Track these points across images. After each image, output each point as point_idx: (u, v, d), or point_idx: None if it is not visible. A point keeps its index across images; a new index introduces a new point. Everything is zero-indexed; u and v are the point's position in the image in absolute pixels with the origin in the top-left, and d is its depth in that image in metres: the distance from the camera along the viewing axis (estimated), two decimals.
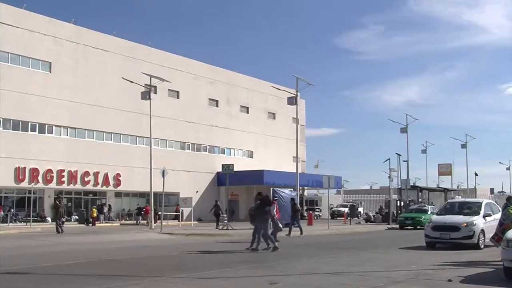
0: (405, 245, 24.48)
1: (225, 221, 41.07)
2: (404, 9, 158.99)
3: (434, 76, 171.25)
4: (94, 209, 50.35)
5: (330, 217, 46.60)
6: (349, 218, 52.51)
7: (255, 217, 21.59)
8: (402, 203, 52.16)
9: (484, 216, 23.10)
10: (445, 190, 65.11)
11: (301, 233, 32.61)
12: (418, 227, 41.07)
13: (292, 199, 35.56)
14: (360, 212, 69.03)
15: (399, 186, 54.90)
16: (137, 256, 18.62)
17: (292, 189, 43.19)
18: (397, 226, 43.48)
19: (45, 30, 50.34)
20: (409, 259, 18.22)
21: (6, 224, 43.29)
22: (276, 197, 31.60)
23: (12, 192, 49.37)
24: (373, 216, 56.32)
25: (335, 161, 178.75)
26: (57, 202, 35.72)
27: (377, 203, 71.28)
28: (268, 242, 21.13)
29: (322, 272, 14.26)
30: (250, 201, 62.52)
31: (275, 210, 23.75)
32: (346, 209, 60.83)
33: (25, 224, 43.59)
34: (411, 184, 61.11)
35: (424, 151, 75.95)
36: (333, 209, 66.40)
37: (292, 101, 45.04)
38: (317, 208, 73.74)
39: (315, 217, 56.92)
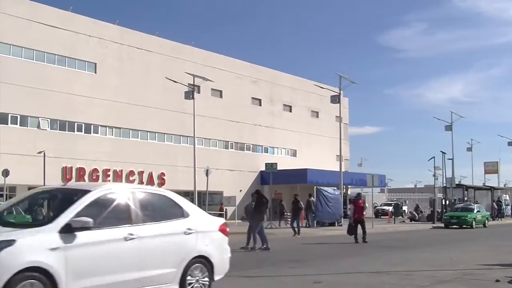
0: (450, 244, 24.16)
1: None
2: (447, 6, 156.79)
3: (479, 73, 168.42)
4: None
5: (374, 216, 46.24)
6: (393, 217, 52.01)
7: (251, 215, 21.58)
8: (447, 202, 51.46)
9: None
10: (491, 189, 63.92)
11: (297, 233, 30.67)
12: (464, 226, 40.49)
13: (295, 195, 33.62)
14: (404, 211, 68.27)
15: (444, 185, 54.16)
16: None
17: (335, 188, 42.97)
18: (442, 225, 42.91)
19: (90, 32, 51.06)
20: (455, 258, 17.95)
21: None
22: (360, 197, 27.55)
23: None
24: (418, 215, 55.67)
25: (379, 160, 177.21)
26: None
27: (422, 202, 70.36)
28: (264, 241, 21.00)
29: (366, 271, 14.16)
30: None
31: (353, 211, 23.69)
32: (390, 208, 60.21)
33: None
34: (457, 182, 60.26)
35: (469, 149, 74.71)
36: (377, 207, 65.85)
37: (335, 99, 44.78)
38: None
39: None
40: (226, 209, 48.46)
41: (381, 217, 61.33)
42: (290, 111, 71.64)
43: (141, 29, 57.09)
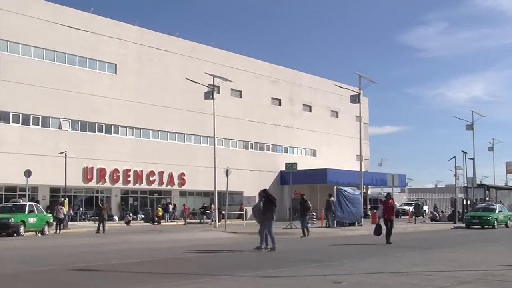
0: (472, 244, 24.00)
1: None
2: (469, 4, 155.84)
3: (501, 72, 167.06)
4: (159, 208, 51.05)
5: (394, 216, 45.96)
6: (414, 217, 51.73)
7: (262, 215, 21.08)
8: (468, 202, 51.08)
9: None
10: None
11: (305, 234, 29.73)
12: (486, 226, 40.14)
13: (302, 195, 32.22)
14: (425, 210, 67.91)
15: (465, 185, 53.75)
16: (201, 255, 18.81)
17: (355, 188, 42.84)
18: (464, 225, 42.60)
19: (110, 33, 51.40)
20: (476, 259, 17.83)
21: (76, 223, 44.38)
22: (390, 197, 25.88)
23: (81, 191, 50.57)
24: (439, 215, 55.30)
25: (399, 159, 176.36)
26: (100, 205, 36.67)
27: (443, 202, 70.07)
28: (272, 241, 20.53)
29: (387, 271, 14.10)
30: (313, 200, 62.44)
31: (383, 211, 23.50)
32: (411, 208, 59.91)
33: (93, 222, 44.50)
34: (478, 182, 59.75)
35: (491, 149, 74.03)
36: (397, 208, 65.56)
37: (355, 99, 44.62)
38: None
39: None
40: (246, 209, 48.44)
41: (402, 217, 61.01)
42: (310, 111, 71.58)
43: (161, 30, 57.54)
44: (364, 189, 58.21)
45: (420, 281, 12.54)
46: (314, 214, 43.19)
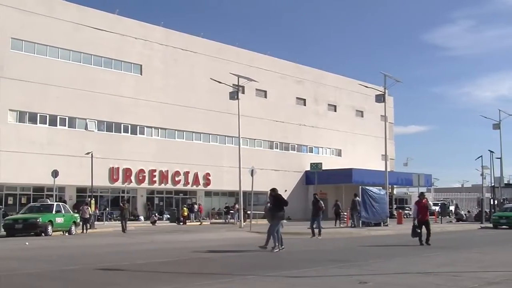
0: (499, 245, 23.74)
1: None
2: (496, 2, 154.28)
3: None
4: (184, 208, 51.20)
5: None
6: (440, 217, 51.32)
7: (272, 215, 20.76)
8: (495, 202, 50.56)
9: None
10: None
11: (318, 235, 28.88)
12: None
13: (314, 195, 31.17)
14: (451, 210, 67.32)
15: (493, 184, 53.22)
16: (226, 255, 18.84)
17: (381, 188, 42.63)
18: (491, 225, 42.15)
19: (136, 34, 51.73)
20: (504, 259, 17.64)
21: (102, 223, 44.73)
22: (424, 197, 24.71)
23: (107, 191, 50.96)
24: (465, 215, 54.82)
25: (425, 159, 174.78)
26: (122, 205, 36.83)
27: (469, 202, 69.44)
28: (274, 240, 20.20)
29: (413, 272, 14.00)
30: (339, 200, 62.31)
31: (417, 211, 23.05)
32: (437, 208, 59.44)
33: (119, 222, 44.77)
34: (505, 182, 59.13)
35: None
36: (431, 207, 65.07)
37: (380, 98, 44.40)
38: (406, 207, 72.45)
39: (404, 216, 55.87)
40: None
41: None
42: (335, 111, 71.41)
43: (186, 31, 57.94)
44: (390, 189, 57.96)
45: (446, 282, 12.44)
46: (346, 213, 43.04)
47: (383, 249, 21.59)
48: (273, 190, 21.48)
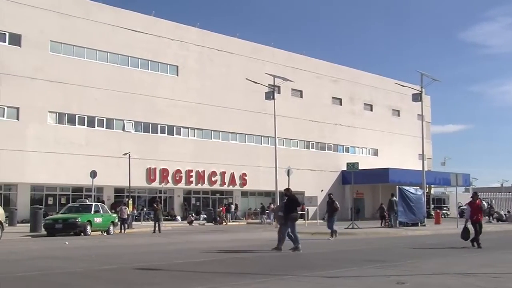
0: None
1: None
2: None
3: None
4: (221, 208, 51.28)
5: (458, 216, 45.11)
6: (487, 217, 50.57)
7: (285, 216, 20.31)
8: None
9: None
10: None
11: (334, 235, 27.98)
12: None
13: (329, 195, 29.86)
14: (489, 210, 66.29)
15: None
16: (262, 255, 18.87)
17: (418, 188, 42.24)
18: None
19: (172, 35, 52.09)
20: None
21: (140, 223, 45.10)
22: (477, 197, 23.19)
23: (144, 192, 51.41)
24: (505, 215, 53.99)
25: (462, 158, 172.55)
26: (155, 206, 36.95)
27: (509, 202, 68.27)
28: (293, 241, 20.00)
29: (451, 272, 13.86)
30: (375, 199, 61.99)
31: (470, 212, 22.11)
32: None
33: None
34: None
35: None
36: (461, 207, 64.24)
37: (416, 97, 43.98)
38: (444, 207, 71.82)
39: (442, 216, 55.38)
40: (307, 209, 48.31)
41: None
42: (371, 110, 71.01)
43: (222, 31, 58.08)
44: (427, 189, 57.42)
45: (487, 283, 12.29)
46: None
47: (421, 249, 21.41)
48: (287, 190, 21.30)
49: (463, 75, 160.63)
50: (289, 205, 20.56)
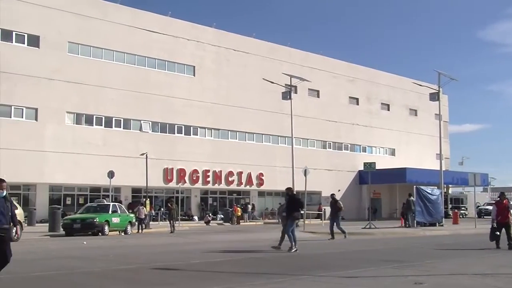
0: None
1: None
2: None
3: None
4: (238, 208, 51.33)
5: (476, 216, 44.86)
6: None
7: (287, 215, 20.35)
8: None
9: None
10: None
11: (333, 236, 26.97)
12: None
13: (332, 195, 29.24)
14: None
15: None
16: (280, 254, 18.86)
17: (435, 187, 42.02)
18: None
19: (188, 35, 52.22)
20: None
21: (157, 223, 45.25)
22: (505, 197, 22.40)
23: (162, 192, 51.55)
24: None
25: (481, 158, 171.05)
26: (169, 205, 37.03)
27: None
28: (290, 240, 19.86)
29: (470, 273, 13.77)
30: (393, 199, 61.74)
31: (495, 212, 21.49)
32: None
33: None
34: None
35: None
36: (479, 207, 63.96)
37: (434, 97, 43.78)
38: (462, 207, 71.43)
39: (460, 216, 55.08)
40: (324, 209, 48.25)
41: (485, 217, 59.39)
42: (388, 110, 70.75)
43: (238, 31, 58.16)
44: (445, 189, 57.11)
45: (506, 284, 12.22)
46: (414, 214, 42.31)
47: (439, 250, 21.29)
48: (289, 190, 21.22)
49: (481, 74, 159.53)
50: (290, 205, 20.63)
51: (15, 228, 10.90)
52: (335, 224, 27.32)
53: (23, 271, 13.31)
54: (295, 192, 22.24)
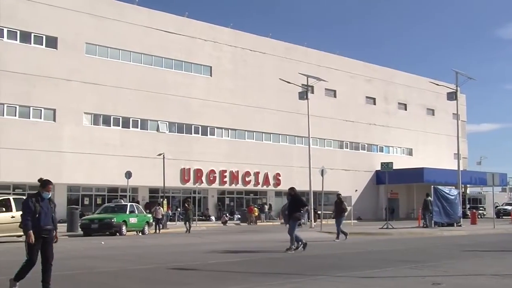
0: None
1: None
2: None
3: None
4: (255, 208, 51.34)
5: (495, 216, 44.52)
6: None
7: (289, 215, 20.37)
8: None
9: None
10: None
11: (338, 236, 26.62)
12: None
13: (338, 195, 28.77)
14: None
15: None
16: (297, 255, 18.85)
17: (453, 187, 41.77)
18: None
19: (205, 36, 52.33)
20: None
21: (174, 223, 45.37)
22: None
23: (179, 192, 51.67)
24: None
25: (499, 157, 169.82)
26: (186, 205, 37.11)
27: None
28: (292, 241, 19.90)
29: (487, 274, 13.68)
30: (410, 199, 61.52)
31: None
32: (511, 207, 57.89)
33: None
34: None
35: None
36: (498, 207, 63.51)
37: (451, 96, 43.53)
38: (480, 207, 70.97)
39: (479, 216, 54.71)
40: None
41: (503, 217, 59.06)
42: (405, 109, 70.46)
43: (255, 32, 58.26)
44: (463, 189, 56.75)
45: None
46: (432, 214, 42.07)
47: (457, 250, 21.17)
48: (292, 190, 20.95)
49: (499, 73, 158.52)
50: (293, 205, 20.62)
51: (54, 231, 11.09)
52: (335, 223, 27.20)
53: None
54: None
